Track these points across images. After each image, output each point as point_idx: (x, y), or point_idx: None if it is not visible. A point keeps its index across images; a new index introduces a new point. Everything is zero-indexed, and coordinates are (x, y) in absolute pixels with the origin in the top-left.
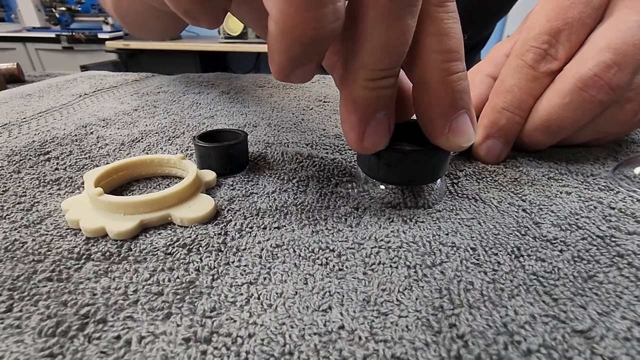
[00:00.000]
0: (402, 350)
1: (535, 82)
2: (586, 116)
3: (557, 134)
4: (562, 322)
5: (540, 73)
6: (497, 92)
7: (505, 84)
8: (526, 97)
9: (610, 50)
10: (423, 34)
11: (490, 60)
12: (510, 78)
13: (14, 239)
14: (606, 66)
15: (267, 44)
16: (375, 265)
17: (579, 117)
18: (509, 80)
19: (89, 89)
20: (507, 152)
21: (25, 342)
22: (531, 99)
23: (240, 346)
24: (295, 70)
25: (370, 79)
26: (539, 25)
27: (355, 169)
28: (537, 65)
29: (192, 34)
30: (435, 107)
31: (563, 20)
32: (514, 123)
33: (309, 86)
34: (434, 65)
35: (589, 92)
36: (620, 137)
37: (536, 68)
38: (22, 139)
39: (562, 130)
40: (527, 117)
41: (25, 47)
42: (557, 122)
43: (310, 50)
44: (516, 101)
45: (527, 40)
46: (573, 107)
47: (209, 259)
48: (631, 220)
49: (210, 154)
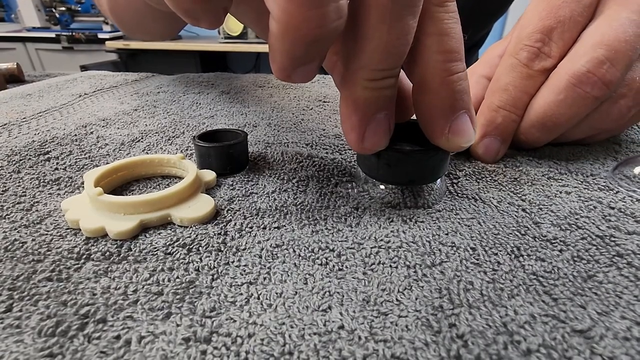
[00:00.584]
0: (402, 350)
1: (529, 80)
2: (581, 112)
3: (552, 130)
4: (562, 321)
5: (534, 71)
6: (492, 91)
7: (500, 83)
8: (521, 95)
9: (602, 46)
10: (423, 34)
11: (485, 62)
12: (505, 77)
13: (14, 238)
14: (599, 62)
15: (268, 44)
16: (375, 265)
17: (573, 113)
18: (504, 79)
19: (89, 89)
20: (505, 150)
21: (25, 342)
22: (526, 97)
23: (240, 346)
24: (297, 69)
25: (371, 79)
26: (532, 25)
27: (355, 169)
28: (531, 63)
29: (192, 34)
30: (436, 107)
31: (555, 19)
32: (510, 121)
33: (309, 86)
34: (434, 65)
35: (583, 88)
36: (616, 133)
37: (530, 66)
38: (22, 138)
39: (558, 126)
40: (523, 114)
41: (25, 47)
42: (553, 119)
43: (312, 49)
44: (511, 99)
45: (520, 39)
46: (568, 103)
47: (209, 258)
48: (631, 220)
49: (210, 153)
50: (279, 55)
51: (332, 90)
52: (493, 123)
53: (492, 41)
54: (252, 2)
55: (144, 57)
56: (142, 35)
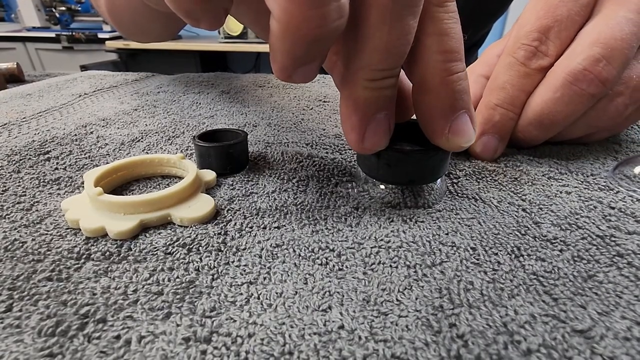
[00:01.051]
0: (402, 350)
1: (527, 78)
2: (578, 110)
3: (550, 128)
4: (562, 321)
5: (531, 69)
6: (490, 89)
7: (498, 81)
8: (518, 93)
9: (598, 44)
10: (423, 34)
11: (483, 61)
12: (502, 75)
13: (14, 238)
14: (595, 60)
15: (268, 44)
16: (375, 265)
17: (570, 111)
18: (502, 77)
19: (89, 88)
20: (503, 148)
21: (24, 342)
22: (523, 95)
23: (240, 346)
24: (297, 69)
25: (371, 79)
26: (530, 24)
27: (355, 169)
28: (529, 62)
29: (192, 33)
30: (436, 107)
31: (552, 18)
32: (507, 119)
33: (309, 86)
34: (434, 65)
35: (580, 85)
36: (614, 132)
37: (527, 64)
38: (22, 138)
39: (555, 124)
40: (521, 113)
41: (25, 46)
42: (550, 117)
43: (313, 49)
44: (509, 97)
45: (518, 38)
46: (565, 101)
47: (209, 258)
48: (631, 219)
49: (210, 153)
50: (280, 55)
51: (332, 90)
52: (491, 121)
53: (491, 41)
54: (251, 3)
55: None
56: (140, 36)
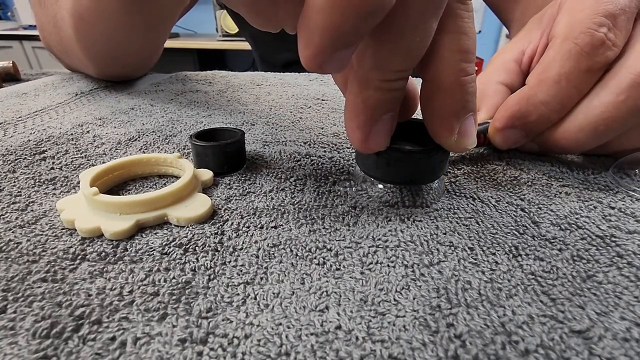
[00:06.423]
0: (400, 351)
1: (587, 73)
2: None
3: (602, 136)
4: (560, 322)
5: (595, 62)
6: (539, 80)
7: (551, 73)
8: (573, 91)
9: None
10: (443, 31)
11: (498, 67)
12: (558, 65)
13: (9, 239)
14: None
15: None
16: (372, 265)
17: (632, 117)
18: (557, 67)
19: (85, 87)
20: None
21: (19, 344)
22: (577, 95)
23: (236, 347)
24: (335, 54)
25: (385, 80)
26: (589, 8)
27: (353, 168)
28: (595, 51)
29: (190, 31)
30: (448, 106)
31: (615, 5)
32: (545, 121)
33: (307, 84)
34: (450, 64)
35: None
36: None
37: (592, 55)
38: (18, 138)
39: (610, 131)
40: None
41: (21, 45)
42: (607, 123)
43: (361, 26)
44: (560, 97)
45: (579, 21)
46: (628, 105)
47: (206, 258)
48: (631, 219)
49: (207, 152)
50: (319, 34)
51: (330, 89)
52: (525, 118)
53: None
54: None
55: None
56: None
